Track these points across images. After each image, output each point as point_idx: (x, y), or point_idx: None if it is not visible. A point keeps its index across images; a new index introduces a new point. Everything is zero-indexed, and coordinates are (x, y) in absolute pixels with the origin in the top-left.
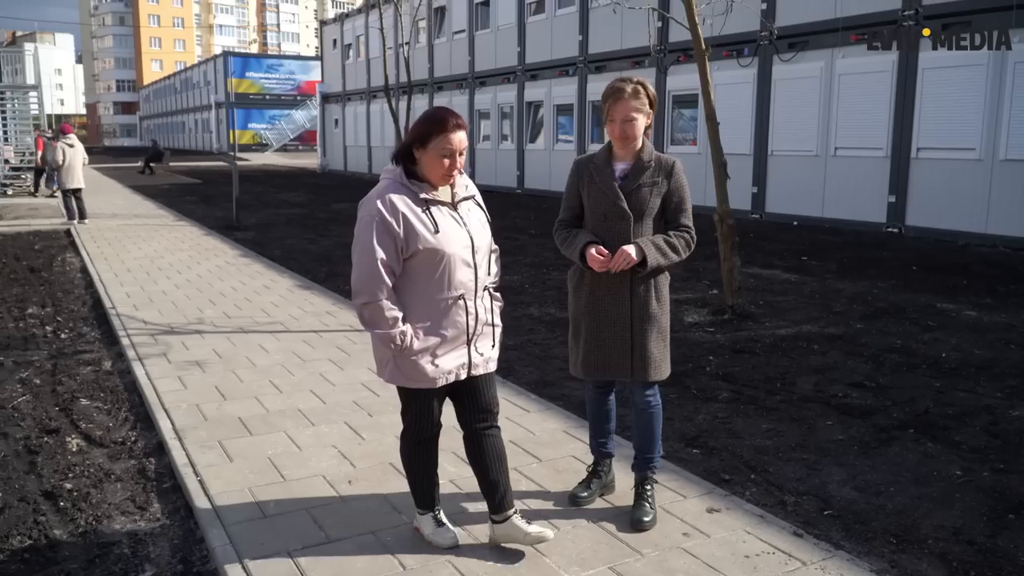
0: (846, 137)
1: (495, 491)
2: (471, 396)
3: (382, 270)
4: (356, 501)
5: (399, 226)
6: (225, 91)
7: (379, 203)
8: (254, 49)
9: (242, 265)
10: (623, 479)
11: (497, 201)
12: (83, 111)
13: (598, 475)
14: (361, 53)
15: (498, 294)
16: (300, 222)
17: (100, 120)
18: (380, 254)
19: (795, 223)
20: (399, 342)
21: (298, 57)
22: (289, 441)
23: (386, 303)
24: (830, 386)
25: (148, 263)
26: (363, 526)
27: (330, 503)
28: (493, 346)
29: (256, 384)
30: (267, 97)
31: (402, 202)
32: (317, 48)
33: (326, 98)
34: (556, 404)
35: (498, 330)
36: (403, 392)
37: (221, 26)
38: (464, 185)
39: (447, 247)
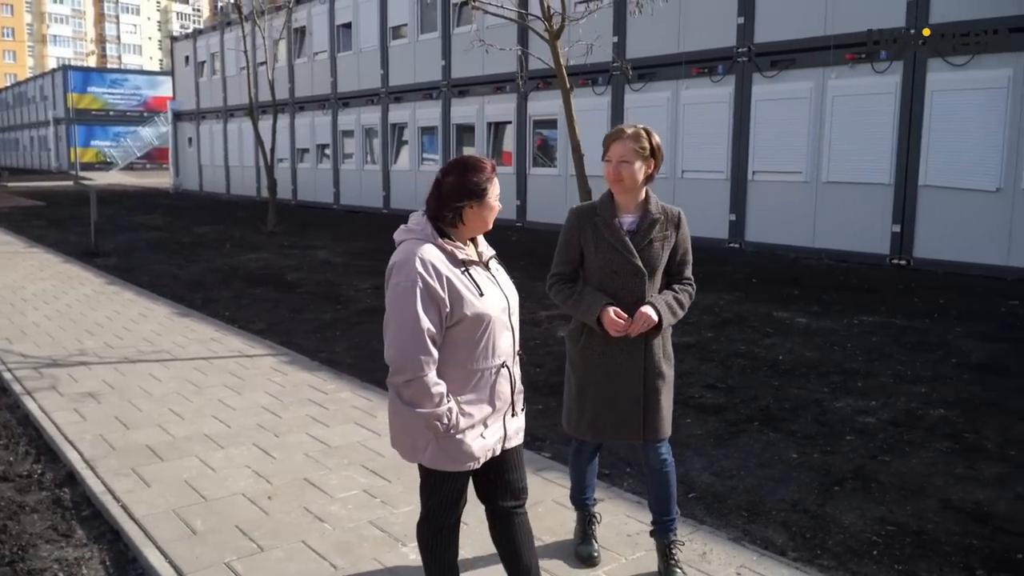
0: (691, 160)
1: (528, 575)
2: (501, 472)
3: (429, 342)
4: (280, 514)
5: (444, 291)
6: (65, 107)
7: (419, 266)
8: (92, 61)
9: (111, 293)
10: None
11: (364, 221)
12: None
13: (592, 525)
14: (216, 71)
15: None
16: (163, 247)
17: None
18: (426, 324)
19: None
20: (446, 421)
21: (145, 72)
22: (202, 464)
23: (431, 378)
24: (688, 389)
25: (10, 294)
26: (291, 536)
27: (255, 517)
28: (516, 415)
29: (156, 412)
30: (111, 113)
31: (444, 264)
32: (162, 61)
33: (178, 116)
34: None
35: (523, 396)
36: (432, 476)
37: (56, 36)
38: (486, 244)
39: (491, 311)
